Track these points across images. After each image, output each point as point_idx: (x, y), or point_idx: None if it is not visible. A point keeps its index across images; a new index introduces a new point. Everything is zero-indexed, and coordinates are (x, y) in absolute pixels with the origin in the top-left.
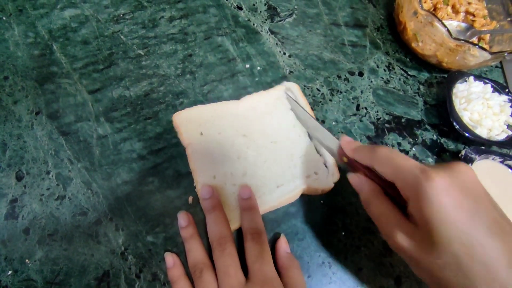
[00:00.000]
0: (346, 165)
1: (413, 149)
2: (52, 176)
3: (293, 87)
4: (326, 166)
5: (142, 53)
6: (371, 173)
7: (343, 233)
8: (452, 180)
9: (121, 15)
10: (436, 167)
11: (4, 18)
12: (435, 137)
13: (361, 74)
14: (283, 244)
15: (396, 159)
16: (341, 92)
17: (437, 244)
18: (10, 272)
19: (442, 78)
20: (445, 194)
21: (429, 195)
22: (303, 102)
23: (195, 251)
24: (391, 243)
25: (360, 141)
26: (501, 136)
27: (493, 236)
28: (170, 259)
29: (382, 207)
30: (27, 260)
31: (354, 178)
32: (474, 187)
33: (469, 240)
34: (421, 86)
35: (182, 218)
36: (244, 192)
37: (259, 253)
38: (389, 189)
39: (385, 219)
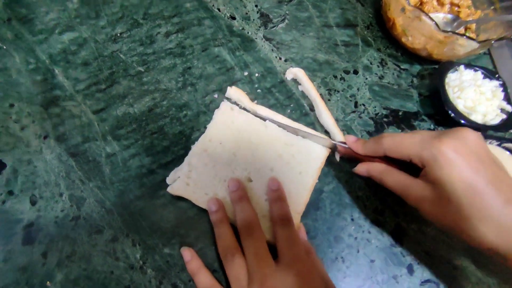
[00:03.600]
0: (348, 157)
1: None
2: (65, 197)
3: (298, 73)
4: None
5: (142, 70)
6: (372, 157)
7: (353, 228)
8: (461, 145)
9: (118, 34)
10: (444, 134)
11: (4, 47)
12: (432, 127)
13: (356, 72)
14: (302, 232)
15: (403, 142)
16: (338, 91)
17: (445, 196)
18: None
19: (433, 70)
20: (454, 158)
21: (441, 162)
22: (310, 85)
23: (226, 235)
24: (407, 196)
25: (361, 136)
26: (496, 120)
27: (490, 186)
28: (187, 253)
29: (395, 177)
30: (48, 283)
31: (361, 168)
32: (478, 149)
33: (471, 192)
34: (414, 79)
35: (213, 203)
36: (273, 184)
37: (289, 236)
38: (393, 165)
39: (401, 184)
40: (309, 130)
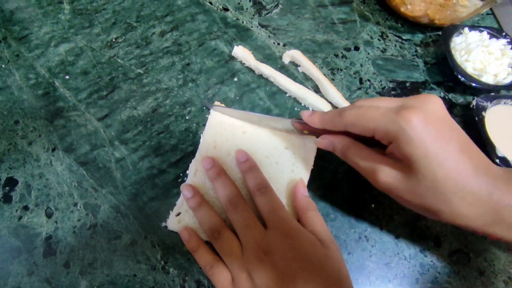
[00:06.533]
0: (310, 135)
1: None
2: (80, 207)
3: (295, 54)
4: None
5: (142, 72)
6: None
7: (373, 205)
8: (427, 115)
9: (114, 40)
10: (409, 103)
11: (3, 66)
12: (442, 94)
13: (357, 48)
14: (300, 187)
15: (366, 115)
16: (341, 70)
17: (418, 173)
18: None
19: (437, 36)
20: (424, 130)
21: (410, 136)
22: (309, 64)
23: (208, 216)
24: (375, 182)
25: None
26: (508, 79)
27: (463, 155)
28: (185, 232)
29: (358, 153)
30: None
31: (323, 142)
32: (445, 116)
33: (446, 163)
34: (418, 48)
35: (186, 190)
36: (240, 156)
37: (271, 202)
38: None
39: (364, 162)
40: (267, 116)
